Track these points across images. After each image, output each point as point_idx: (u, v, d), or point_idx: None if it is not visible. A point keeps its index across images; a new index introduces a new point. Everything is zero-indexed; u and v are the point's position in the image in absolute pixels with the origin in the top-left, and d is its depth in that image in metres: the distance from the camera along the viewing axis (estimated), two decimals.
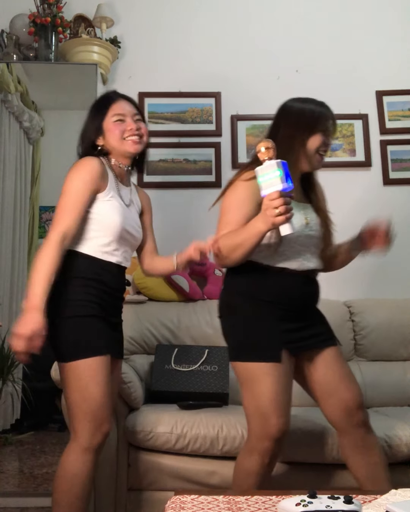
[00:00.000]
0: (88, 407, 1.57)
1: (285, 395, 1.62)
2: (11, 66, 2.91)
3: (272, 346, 1.62)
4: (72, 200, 1.62)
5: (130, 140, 1.75)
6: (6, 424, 2.92)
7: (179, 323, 2.57)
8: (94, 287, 1.64)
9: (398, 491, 1.21)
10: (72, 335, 1.60)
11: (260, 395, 1.61)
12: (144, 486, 1.99)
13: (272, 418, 1.58)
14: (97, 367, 1.58)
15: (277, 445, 1.59)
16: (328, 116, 1.75)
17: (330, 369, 1.70)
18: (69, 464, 1.58)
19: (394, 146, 3.09)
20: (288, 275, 1.67)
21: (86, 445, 1.57)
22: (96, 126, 1.77)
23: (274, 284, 1.67)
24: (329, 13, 3.20)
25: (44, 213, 3.19)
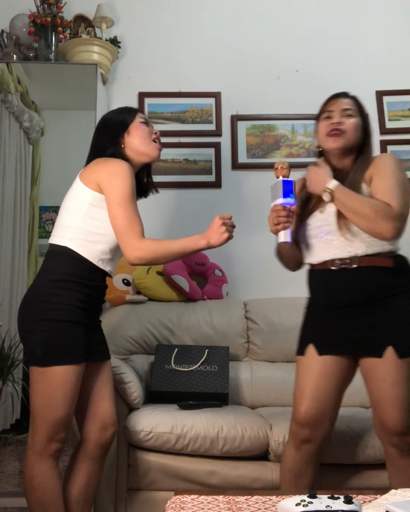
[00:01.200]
0: (49, 415, 1.54)
1: (311, 387, 1.70)
2: (11, 66, 2.91)
3: (302, 341, 1.79)
4: (130, 201, 1.62)
5: (157, 144, 1.76)
6: (6, 424, 2.92)
7: (179, 323, 2.57)
8: (79, 291, 1.60)
9: (398, 491, 1.21)
10: (50, 340, 1.56)
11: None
12: (144, 486, 1.99)
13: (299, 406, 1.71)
14: (68, 376, 1.54)
15: None
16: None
17: (375, 384, 1.64)
18: (31, 473, 1.56)
19: (394, 146, 3.09)
20: (312, 271, 1.81)
21: (41, 452, 1.55)
22: (122, 122, 1.74)
23: (308, 282, 1.84)
24: (329, 13, 3.20)
25: (44, 213, 3.19)
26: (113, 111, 1.82)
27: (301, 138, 3.09)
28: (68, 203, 1.68)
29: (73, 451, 1.75)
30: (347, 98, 1.82)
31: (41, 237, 3.11)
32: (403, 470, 1.65)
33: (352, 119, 1.77)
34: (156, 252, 1.58)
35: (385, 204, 1.61)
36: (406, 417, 1.60)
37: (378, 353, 1.62)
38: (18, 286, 3.02)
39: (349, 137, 1.74)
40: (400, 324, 1.64)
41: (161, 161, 3.07)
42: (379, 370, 1.62)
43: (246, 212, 2.95)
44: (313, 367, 1.70)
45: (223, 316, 2.60)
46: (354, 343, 1.66)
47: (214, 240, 1.56)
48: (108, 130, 1.75)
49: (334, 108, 1.79)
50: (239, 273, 2.95)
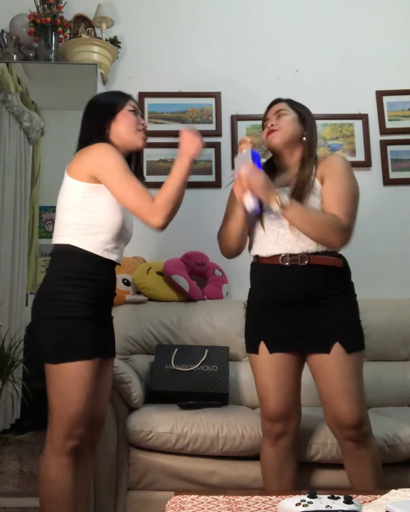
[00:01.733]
0: (65, 411, 1.55)
1: (272, 383, 1.73)
2: (11, 66, 2.91)
3: (252, 338, 1.79)
4: (128, 175, 1.61)
5: (142, 134, 1.76)
6: (6, 424, 2.92)
7: (179, 323, 2.57)
8: (88, 287, 1.61)
9: (398, 491, 1.21)
10: (61, 337, 1.57)
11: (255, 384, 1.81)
12: (144, 486, 1.99)
13: (267, 402, 1.74)
14: (82, 371, 1.55)
15: None
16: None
17: (325, 379, 1.67)
18: (47, 469, 1.57)
19: (394, 146, 3.09)
20: (259, 266, 1.79)
21: (60, 449, 1.56)
22: (110, 108, 1.73)
23: (252, 277, 1.84)
24: (329, 13, 3.20)
25: (44, 213, 3.19)
26: (104, 93, 1.82)
27: None
28: (62, 201, 1.68)
29: (45, 448, 1.75)
30: (280, 102, 1.90)
31: (41, 237, 3.11)
32: (361, 461, 1.67)
33: (285, 116, 1.83)
34: (171, 201, 1.61)
35: (334, 218, 1.67)
36: (360, 408, 1.64)
37: (326, 349, 1.66)
38: (18, 286, 3.02)
39: (284, 131, 1.80)
40: (345, 320, 1.71)
41: (161, 161, 3.07)
42: (328, 365, 1.65)
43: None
44: (269, 365, 1.73)
45: (223, 316, 2.60)
46: (302, 340, 1.69)
47: (192, 151, 1.64)
48: (97, 112, 1.75)
49: (269, 115, 1.88)
50: (239, 273, 2.94)
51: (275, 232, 1.73)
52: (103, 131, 1.72)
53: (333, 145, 3.10)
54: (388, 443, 1.95)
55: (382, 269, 2.95)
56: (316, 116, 1.91)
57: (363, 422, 1.66)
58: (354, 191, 1.75)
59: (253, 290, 1.83)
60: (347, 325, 1.71)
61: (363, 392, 1.68)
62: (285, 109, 1.84)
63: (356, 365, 1.68)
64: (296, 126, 1.82)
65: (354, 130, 3.10)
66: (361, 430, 1.65)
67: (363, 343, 1.73)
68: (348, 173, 1.76)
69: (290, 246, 1.70)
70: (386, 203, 3.02)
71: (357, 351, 1.68)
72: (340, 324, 1.69)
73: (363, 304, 2.70)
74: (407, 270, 2.97)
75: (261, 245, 1.76)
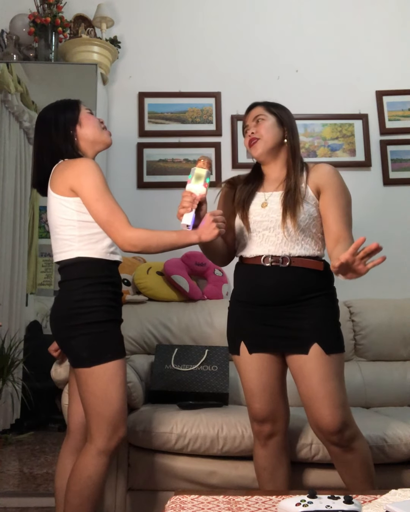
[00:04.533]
0: (106, 411, 1.58)
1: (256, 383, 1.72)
2: (11, 66, 2.91)
3: (233, 339, 1.79)
4: (105, 194, 1.62)
5: (107, 131, 1.78)
6: (6, 424, 2.92)
7: (179, 323, 2.57)
8: (107, 290, 1.65)
9: (398, 491, 1.21)
10: (93, 341, 1.60)
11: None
12: (144, 486, 1.99)
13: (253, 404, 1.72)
14: (116, 370, 1.59)
15: None
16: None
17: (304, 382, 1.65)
18: (85, 466, 1.59)
19: (394, 146, 3.09)
20: (243, 266, 1.79)
21: (103, 449, 1.58)
22: (71, 117, 1.73)
23: (235, 277, 1.83)
24: (329, 13, 3.21)
25: (44, 213, 3.19)
26: (54, 109, 1.78)
27: (301, 138, 3.06)
28: (55, 218, 1.69)
29: (63, 443, 1.78)
30: (257, 106, 1.86)
31: (41, 237, 3.11)
32: (350, 464, 1.66)
33: (264, 122, 1.80)
34: (148, 241, 1.61)
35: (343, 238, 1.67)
36: (341, 412, 1.60)
37: (305, 350, 1.64)
38: (18, 286, 3.02)
39: (265, 139, 1.78)
40: (324, 322, 1.69)
41: (161, 161, 3.07)
42: (307, 367, 1.64)
43: None
44: (250, 365, 1.72)
45: (223, 316, 2.57)
46: (281, 341, 1.69)
47: (205, 236, 1.61)
48: (60, 128, 1.72)
49: (248, 121, 1.84)
50: None
51: (260, 234, 1.74)
52: (72, 138, 1.72)
53: (333, 145, 3.10)
54: (388, 443, 1.95)
55: (382, 269, 2.93)
56: (316, 116, 1.92)
57: (346, 426, 1.61)
58: (349, 203, 1.75)
59: (235, 290, 1.83)
60: (326, 326, 1.69)
61: (345, 395, 1.64)
62: (262, 114, 1.81)
63: (336, 367, 1.65)
64: (276, 131, 1.80)
65: (354, 130, 3.10)
66: (343, 434, 1.61)
67: (343, 346, 1.71)
68: (344, 184, 1.76)
69: (273, 248, 1.71)
70: (386, 203, 3.02)
71: (336, 352, 1.66)
72: (319, 326, 1.67)
73: (363, 304, 2.73)
74: (407, 270, 2.97)
75: (246, 246, 1.78)
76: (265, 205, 1.75)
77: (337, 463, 1.70)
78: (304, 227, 1.70)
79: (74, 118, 1.73)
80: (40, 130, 1.76)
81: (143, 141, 3.11)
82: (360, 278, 3.03)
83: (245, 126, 1.86)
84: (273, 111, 1.83)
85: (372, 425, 1.98)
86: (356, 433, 1.65)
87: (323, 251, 1.77)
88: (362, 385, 2.48)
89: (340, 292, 2.89)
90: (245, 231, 1.77)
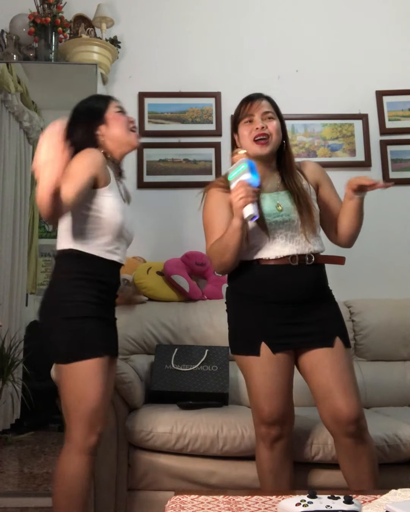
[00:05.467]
0: (84, 409, 1.56)
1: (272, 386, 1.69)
2: (11, 66, 2.91)
3: (250, 340, 1.71)
4: (80, 174, 1.55)
5: (135, 133, 1.76)
6: (6, 424, 2.92)
7: (179, 323, 2.57)
8: (94, 288, 1.63)
9: (398, 491, 1.21)
10: (71, 337, 1.59)
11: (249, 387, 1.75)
12: (144, 486, 1.99)
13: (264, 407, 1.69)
14: (95, 369, 1.57)
15: None
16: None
17: (325, 373, 1.68)
18: (66, 466, 1.58)
19: (394, 146, 3.09)
20: (263, 266, 1.73)
21: (81, 446, 1.57)
22: (97, 114, 1.72)
23: (250, 277, 1.75)
24: (328, 13, 3.20)
25: None
26: (85, 99, 1.79)
27: (301, 138, 3.09)
28: None
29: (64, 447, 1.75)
30: (264, 100, 1.81)
31: (41, 237, 3.11)
32: (358, 458, 1.67)
33: (273, 121, 1.77)
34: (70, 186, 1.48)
35: None
36: (358, 402, 1.66)
37: (330, 343, 1.69)
38: (18, 286, 3.03)
39: (274, 142, 1.76)
40: (340, 317, 1.79)
41: (161, 161, 3.07)
42: (329, 359, 1.68)
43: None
44: (271, 367, 1.69)
45: (223, 316, 2.58)
46: (306, 337, 1.70)
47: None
48: (83, 119, 1.73)
49: (255, 111, 1.77)
50: None
51: (281, 234, 1.73)
52: (94, 136, 1.71)
53: (333, 145, 3.10)
54: (388, 443, 1.95)
55: (382, 269, 2.95)
56: (316, 116, 1.92)
57: (362, 416, 1.67)
58: None
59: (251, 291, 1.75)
60: (342, 321, 1.79)
61: (358, 388, 1.72)
62: (271, 112, 1.79)
63: (350, 360, 1.74)
64: (280, 135, 1.80)
65: (354, 130, 3.10)
66: (360, 423, 1.65)
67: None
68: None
69: (300, 247, 1.73)
70: (386, 203, 3.02)
71: (349, 347, 1.76)
72: (338, 320, 1.78)
73: (363, 304, 2.73)
74: (407, 270, 2.97)
75: (269, 248, 1.72)
76: (279, 206, 1.74)
77: (346, 458, 1.69)
78: (317, 224, 1.78)
79: (99, 116, 1.72)
80: (68, 123, 1.72)
81: (143, 141, 3.10)
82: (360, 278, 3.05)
83: (249, 115, 1.77)
84: (280, 114, 1.83)
85: (372, 425, 1.98)
86: (367, 426, 1.70)
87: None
88: (362, 385, 2.47)
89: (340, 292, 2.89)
90: (262, 234, 1.72)
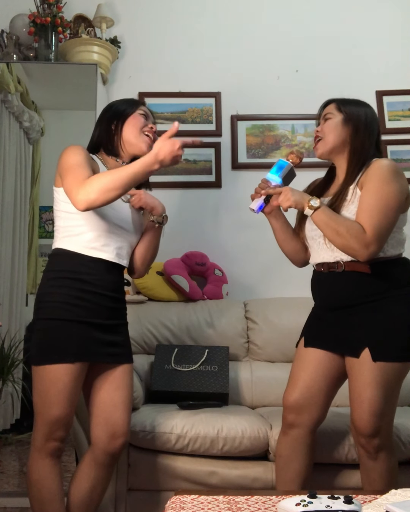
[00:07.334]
0: (45, 413, 1.55)
1: (298, 375, 1.80)
2: (11, 66, 2.91)
3: (301, 335, 1.87)
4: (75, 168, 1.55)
5: (147, 137, 1.71)
6: (6, 424, 2.91)
7: (179, 323, 2.57)
8: (72, 287, 1.57)
9: (398, 491, 1.21)
10: (42, 339, 1.57)
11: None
12: (144, 486, 1.99)
13: (289, 390, 1.81)
14: (59, 374, 1.52)
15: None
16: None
17: (351, 383, 1.68)
18: (30, 469, 1.58)
19: (394, 146, 3.08)
20: (314, 271, 1.84)
21: (40, 449, 1.56)
22: (120, 113, 1.72)
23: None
24: (328, 13, 3.20)
25: (44, 213, 3.19)
26: (118, 100, 1.80)
27: (301, 138, 3.09)
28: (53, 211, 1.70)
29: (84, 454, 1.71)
30: (329, 104, 1.85)
31: (41, 237, 3.10)
32: (371, 471, 1.67)
33: (329, 122, 1.78)
34: (100, 183, 1.47)
35: (360, 229, 1.59)
36: (376, 420, 1.60)
37: (356, 353, 1.64)
38: (18, 286, 3.02)
39: (326, 141, 1.77)
40: (381, 328, 1.64)
41: None
42: (355, 370, 1.65)
43: (245, 212, 2.94)
44: (303, 358, 1.79)
45: (223, 316, 2.60)
46: (337, 341, 1.72)
47: (166, 162, 1.48)
48: (107, 118, 1.74)
49: (321, 119, 1.85)
50: (239, 273, 2.95)
51: (316, 241, 1.77)
52: (112, 135, 1.71)
53: None
54: None
55: None
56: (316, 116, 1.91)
57: (377, 434, 1.60)
58: (388, 202, 1.61)
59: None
60: (377, 333, 1.63)
61: (388, 406, 1.62)
62: (331, 113, 1.78)
63: (383, 375, 1.60)
64: (339, 131, 1.75)
65: None
66: (372, 441, 1.61)
67: (400, 356, 1.63)
68: (387, 180, 1.63)
69: (328, 255, 1.74)
70: None
71: (385, 360, 1.60)
72: (372, 331, 1.64)
73: None
74: None
75: (311, 255, 1.84)
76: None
77: (361, 466, 1.71)
78: None
79: (121, 115, 1.72)
80: (98, 119, 1.78)
81: None
82: None
83: (319, 122, 1.86)
84: (342, 109, 1.79)
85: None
86: (386, 446, 1.65)
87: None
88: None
89: None
90: (306, 240, 1.85)
